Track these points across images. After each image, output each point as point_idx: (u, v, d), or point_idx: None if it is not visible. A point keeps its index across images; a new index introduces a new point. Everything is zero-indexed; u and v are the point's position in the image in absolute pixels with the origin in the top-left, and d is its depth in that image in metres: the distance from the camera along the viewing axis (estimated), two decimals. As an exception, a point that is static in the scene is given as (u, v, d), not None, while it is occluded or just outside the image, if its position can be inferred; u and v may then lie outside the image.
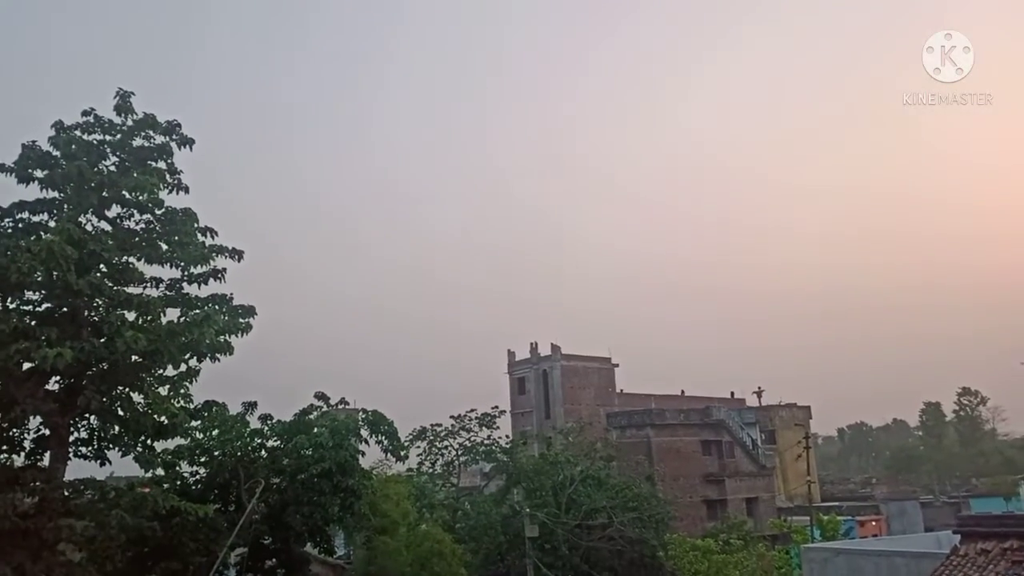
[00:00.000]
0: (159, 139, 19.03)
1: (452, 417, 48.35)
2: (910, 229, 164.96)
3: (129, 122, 18.72)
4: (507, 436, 53.20)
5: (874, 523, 54.19)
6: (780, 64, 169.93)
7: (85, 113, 18.52)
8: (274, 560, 25.22)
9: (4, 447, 17.68)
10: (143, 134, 18.84)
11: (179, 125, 19.17)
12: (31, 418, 17.28)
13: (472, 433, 48.16)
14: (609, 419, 57.66)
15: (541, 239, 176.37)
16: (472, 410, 48.39)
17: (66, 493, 17.38)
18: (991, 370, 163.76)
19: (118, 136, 18.62)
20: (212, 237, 19.24)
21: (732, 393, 75.00)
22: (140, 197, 18.22)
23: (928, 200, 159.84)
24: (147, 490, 19.83)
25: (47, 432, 17.48)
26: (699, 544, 27.95)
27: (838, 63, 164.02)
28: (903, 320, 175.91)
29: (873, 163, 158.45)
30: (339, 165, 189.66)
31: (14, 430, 17.66)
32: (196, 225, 19.11)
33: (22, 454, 18.02)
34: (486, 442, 48.19)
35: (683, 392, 71.81)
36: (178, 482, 23.06)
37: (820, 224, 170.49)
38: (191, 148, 19.40)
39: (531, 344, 67.77)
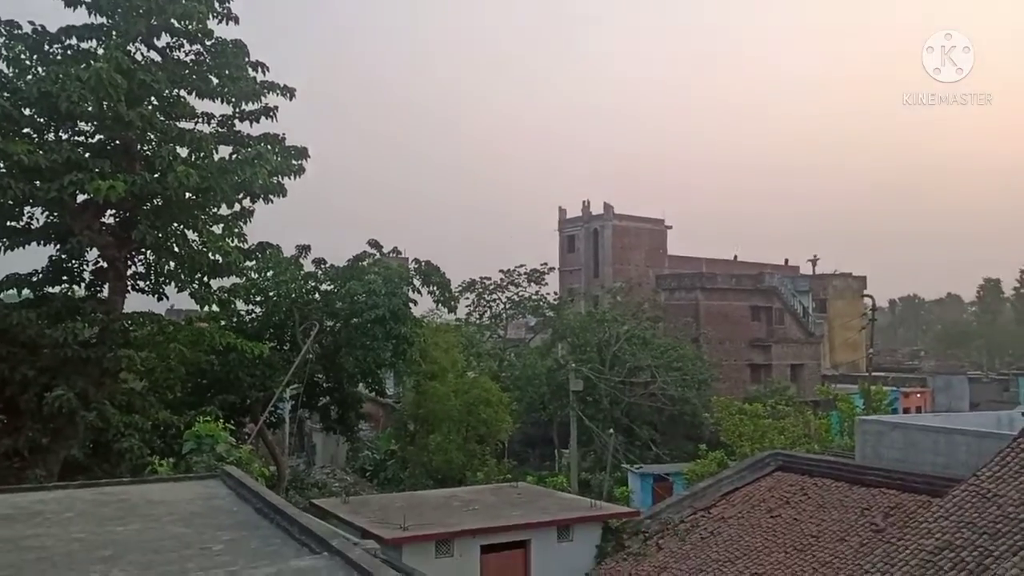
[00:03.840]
0: (207, -37, 17.94)
1: (501, 271, 48.75)
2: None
3: (176, -57, 17.61)
4: (555, 293, 53.71)
5: (918, 395, 53.83)
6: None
7: (130, -68, 17.43)
8: (328, 398, 26.08)
9: (64, 278, 17.97)
10: (191, -43, 17.75)
11: (228, -52, 18.00)
12: (88, 250, 17.40)
13: (520, 288, 48.68)
14: (658, 281, 57.27)
15: (598, 89, 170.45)
16: (521, 265, 48.71)
17: (126, 325, 17.71)
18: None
19: (165, -42, 17.57)
20: (263, 72, 18.51)
21: (786, 260, 73.55)
22: (189, 26, 17.39)
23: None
24: (204, 325, 20.22)
25: (105, 265, 17.64)
26: (747, 408, 27.95)
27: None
28: (965, 194, 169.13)
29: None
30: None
31: (73, 262, 17.87)
32: (247, 59, 18.35)
33: (82, 286, 18.33)
34: (534, 297, 48.72)
35: (735, 257, 70.58)
36: (234, 320, 23.53)
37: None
38: (241, -25, 18.33)
39: (583, 202, 66.57)
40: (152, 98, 17.20)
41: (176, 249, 17.94)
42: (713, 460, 25.72)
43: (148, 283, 18.72)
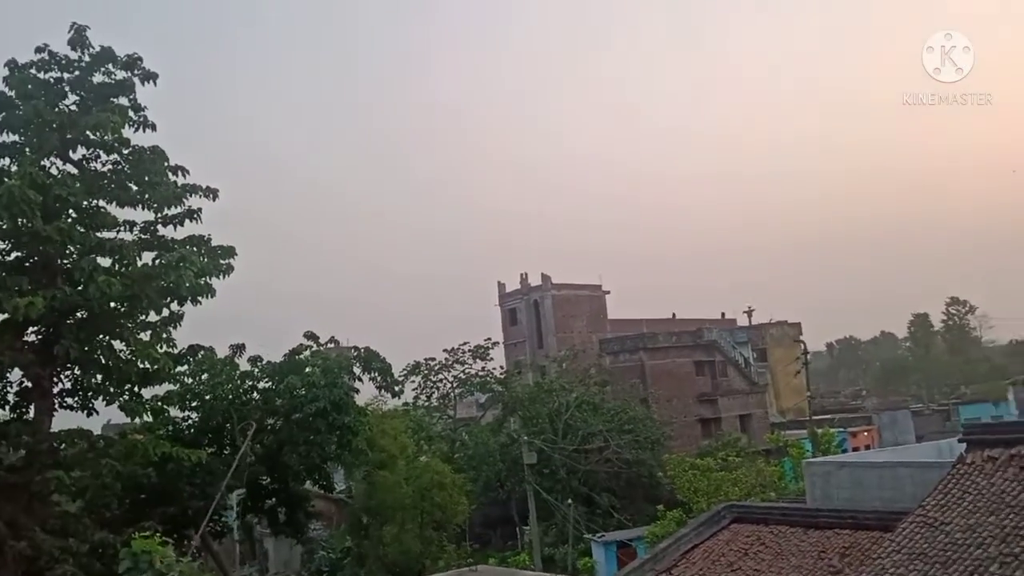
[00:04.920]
0: (120, 74, 18.07)
1: (445, 351, 48.48)
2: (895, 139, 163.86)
3: (86, 57, 17.74)
4: (501, 367, 53.56)
5: (866, 433, 54.81)
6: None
7: (39, 50, 17.51)
8: (274, 499, 25.26)
9: (-14, 401, 17.29)
10: (102, 69, 17.86)
11: (140, 59, 18.17)
12: (11, 371, 16.82)
13: (466, 365, 48.40)
14: (602, 345, 57.71)
15: (514, 169, 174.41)
16: (465, 343, 48.52)
17: (55, 445, 17.02)
18: (978, 280, 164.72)
19: (76, 73, 17.65)
20: (184, 176, 18.50)
21: (723, 314, 75.09)
22: (104, 136, 17.37)
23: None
24: (139, 437, 19.54)
25: (29, 384, 17.04)
26: (698, 463, 28.11)
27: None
28: (890, 233, 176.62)
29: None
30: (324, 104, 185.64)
31: (-5, 384, 17.23)
32: (166, 164, 18.34)
33: (7, 408, 17.63)
34: (480, 373, 48.46)
35: (674, 315, 71.75)
36: (170, 428, 22.80)
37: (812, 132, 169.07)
38: (155, 83, 18.45)
39: (521, 275, 67.29)
40: (70, 211, 16.98)
41: (103, 361, 17.43)
42: (672, 519, 25.65)
43: (76, 399, 18.10)
